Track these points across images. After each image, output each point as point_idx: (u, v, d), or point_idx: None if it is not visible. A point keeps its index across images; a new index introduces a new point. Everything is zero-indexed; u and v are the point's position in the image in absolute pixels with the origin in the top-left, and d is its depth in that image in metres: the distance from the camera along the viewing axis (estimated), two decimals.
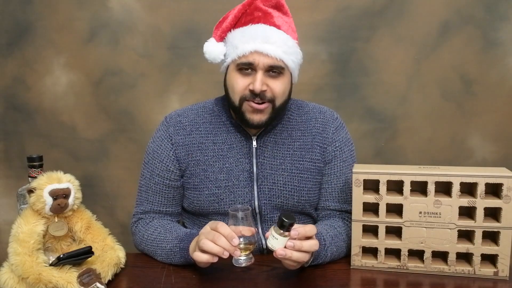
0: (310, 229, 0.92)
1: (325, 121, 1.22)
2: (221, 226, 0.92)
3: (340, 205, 1.20)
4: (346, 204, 1.19)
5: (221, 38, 1.12)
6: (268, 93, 1.08)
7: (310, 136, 1.20)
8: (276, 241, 0.89)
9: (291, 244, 0.89)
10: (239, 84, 1.08)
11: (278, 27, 1.10)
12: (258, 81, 1.05)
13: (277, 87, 1.09)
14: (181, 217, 1.28)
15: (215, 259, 0.91)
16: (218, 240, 0.90)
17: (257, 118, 1.10)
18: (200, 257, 0.92)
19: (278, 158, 1.17)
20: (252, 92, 1.07)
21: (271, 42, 1.06)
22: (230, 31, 1.11)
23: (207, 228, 0.96)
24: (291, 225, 0.88)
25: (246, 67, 1.07)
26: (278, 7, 1.12)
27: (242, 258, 0.96)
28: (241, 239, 0.93)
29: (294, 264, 0.95)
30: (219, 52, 1.11)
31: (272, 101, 1.09)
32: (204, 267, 1.00)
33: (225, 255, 0.89)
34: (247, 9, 1.10)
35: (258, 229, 1.19)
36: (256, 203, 1.17)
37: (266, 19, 1.09)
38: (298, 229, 0.90)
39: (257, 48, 1.05)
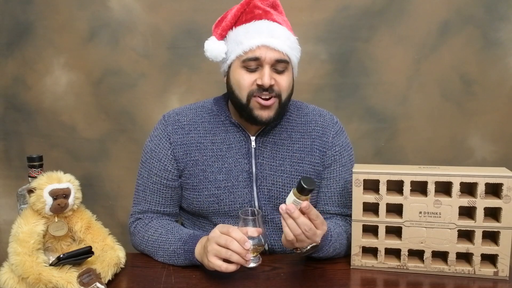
0: (316, 215, 0.92)
1: (325, 124, 1.22)
2: (233, 230, 0.93)
3: (340, 209, 1.20)
4: (346, 209, 1.18)
5: (222, 37, 1.13)
6: (276, 87, 1.08)
7: (309, 139, 1.19)
8: (289, 200, 0.93)
9: (291, 208, 0.90)
10: (246, 80, 1.08)
11: (280, 23, 1.11)
12: (267, 76, 1.06)
13: (283, 81, 1.09)
14: (180, 218, 1.28)
15: (238, 266, 0.94)
16: (231, 245, 0.91)
17: (265, 114, 1.09)
18: (230, 268, 0.93)
19: (278, 159, 1.17)
20: (261, 86, 1.07)
21: (276, 36, 1.07)
22: (232, 29, 1.11)
23: (216, 232, 0.96)
24: (309, 191, 0.89)
25: (252, 63, 1.07)
26: (274, 7, 1.14)
27: (251, 259, 0.96)
28: (251, 241, 0.94)
29: (287, 231, 0.93)
30: (220, 50, 1.11)
31: (279, 96, 1.10)
32: (211, 270, 1.00)
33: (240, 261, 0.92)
34: (246, 8, 1.11)
35: None
36: (256, 203, 1.16)
37: (268, 16, 1.10)
38: (311, 207, 0.91)
39: (264, 42, 1.06)
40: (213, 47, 1.12)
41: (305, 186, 0.88)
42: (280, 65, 1.08)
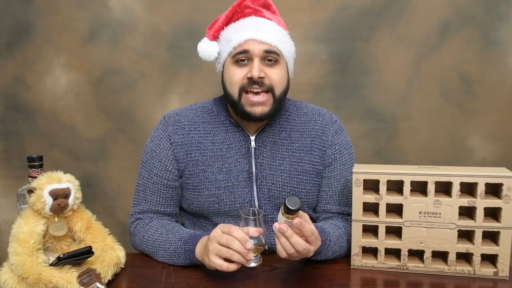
0: (311, 232, 0.91)
1: (324, 123, 1.22)
2: (235, 229, 0.93)
3: (341, 208, 1.20)
4: (347, 207, 1.18)
5: (214, 38, 1.15)
6: (266, 81, 1.09)
7: (309, 138, 1.19)
8: (280, 219, 0.92)
9: (283, 228, 0.89)
10: (237, 75, 1.09)
11: (269, 19, 1.13)
12: (256, 68, 1.07)
13: (275, 74, 1.10)
14: (180, 218, 1.28)
15: (239, 266, 0.94)
16: (232, 244, 0.92)
17: (258, 110, 1.10)
18: (231, 267, 0.93)
19: (277, 158, 1.17)
20: (250, 79, 1.08)
21: (264, 30, 1.09)
22: (223, 29, 1.14)
23: (218, 231, 0.96)
24: (295, 211, 0.88)
25: (242, 57, 1.08)
26: (266, 6, 1.16)
27: (251, 259, 0.96)
28: (252, 241, 0.94)
29: (281, 249, 0.93)
30: (212, 50, 1.14)
31: (271, 90, 1.10)
32: (212, 269, 1.00)
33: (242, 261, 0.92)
34: (237, 9, 1.13)
35: None
36: (257, 203, 1.17)
37: (257, 13, 1.13)
38: (304, 224, 0.89)
39: (251, 36, 1.08)
40: (205, 47, 1.14)
41: (290, 208, 0.87)
42: (270, 57, 1.09)
